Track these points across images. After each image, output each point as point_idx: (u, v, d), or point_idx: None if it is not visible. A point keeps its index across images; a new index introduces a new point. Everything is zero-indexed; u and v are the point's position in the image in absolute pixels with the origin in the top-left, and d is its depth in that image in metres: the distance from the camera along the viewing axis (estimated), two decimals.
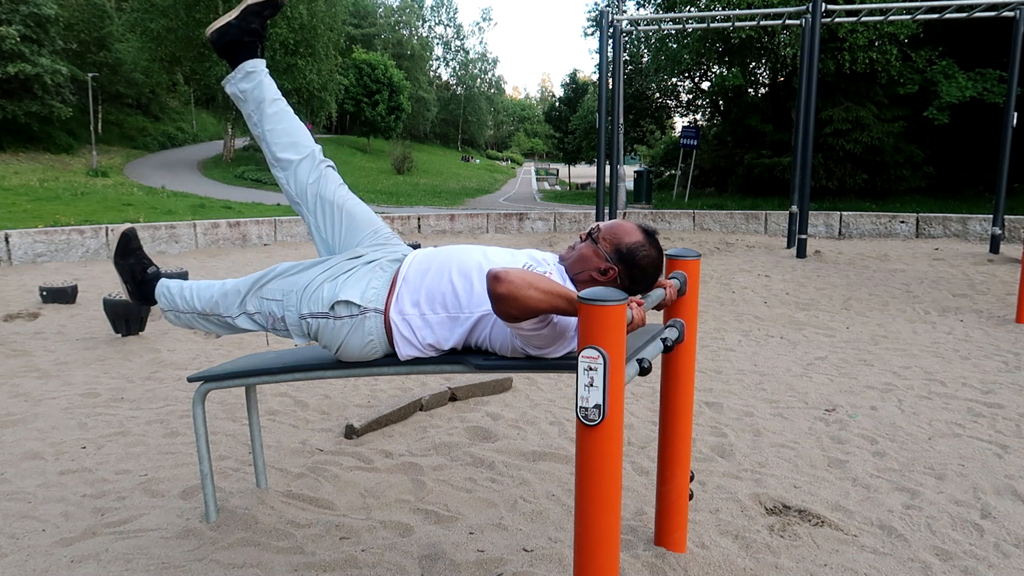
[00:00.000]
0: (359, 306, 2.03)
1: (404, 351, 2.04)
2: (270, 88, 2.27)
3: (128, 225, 2.46)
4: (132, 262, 2.41)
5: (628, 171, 18.58)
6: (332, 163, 2.30)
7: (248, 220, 11.00)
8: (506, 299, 1.71)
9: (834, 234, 12.28)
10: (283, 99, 2.30)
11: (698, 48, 21.10)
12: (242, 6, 2.25)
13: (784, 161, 18.04)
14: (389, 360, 2.09)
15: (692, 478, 2.31)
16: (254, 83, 2.26)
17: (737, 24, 14.94)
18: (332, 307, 2.05)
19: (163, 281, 2.40)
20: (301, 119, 2.36)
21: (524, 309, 1.72)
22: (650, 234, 2.07)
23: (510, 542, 2.35)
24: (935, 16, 10.96)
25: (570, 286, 1.95)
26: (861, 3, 15.22)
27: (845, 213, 12.44)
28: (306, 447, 3.17)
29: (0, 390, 3.96)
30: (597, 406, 1.53)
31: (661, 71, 24.05)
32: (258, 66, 2.27)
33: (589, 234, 2.08)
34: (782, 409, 3.72)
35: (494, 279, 1.72)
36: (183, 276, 6.30)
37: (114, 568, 2.18)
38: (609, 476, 1.57)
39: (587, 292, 1.53)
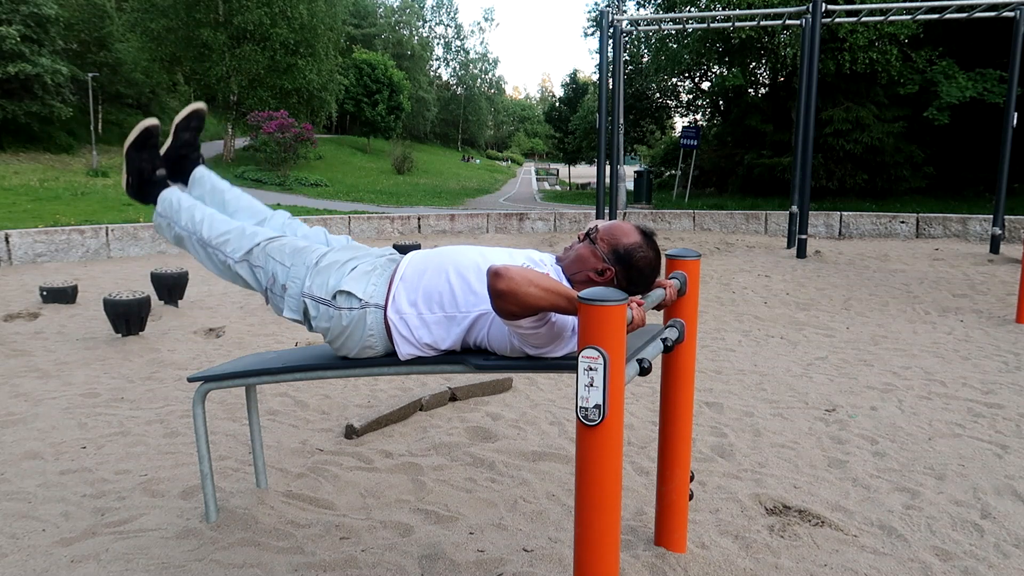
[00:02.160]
0: (360, 300, 2.04)
1: (404, 350, 2.04)
2: (220, 181, 2.45)
3: (154, 121, 2.40)
4: (144, 156, 2.38)
5: (628, 171, 18.55)
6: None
7: None
8: (506, 296, 1.71)
9: (834, 234, 12.28)
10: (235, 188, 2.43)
11: (698, 48, 21.09)
12: (172, 126, 2.43)
13: (784, 161, 18.03)
14: (389, 360, 2.09)
15: (692, 478, 2.31)
16: (208, 184, 2.44)
17: (737, 24, 14.94)
18: (334, 296, 2.06)
19: (172, 190, 2.37)
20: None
21: (524, 306, 1.72)
22: (648, 235, 2.07)
23: (510, 542, 2.35)
24: (935, 16, 10.97)
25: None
26: (861, 3, 15.21)
27: (845, 213, 12.44)
28: (306, 447, 3.17)
29: (0, 390, 3.96)
30: (597, 406, 1.53)
31: (661, 71, 24.03)
32: (202, 171, 2.45)
33: (587, 235, 2.08)
34: (782, 409, 3.72)
35: (495, 275, 1.73)
36: (183, 276, 6.30)
37: (114, 568, 2.18)
38: (609, 476, 1.57)
39: (587, 292, 1.53)
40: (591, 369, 1.51)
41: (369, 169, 40.57)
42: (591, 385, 1.52)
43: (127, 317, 5.11)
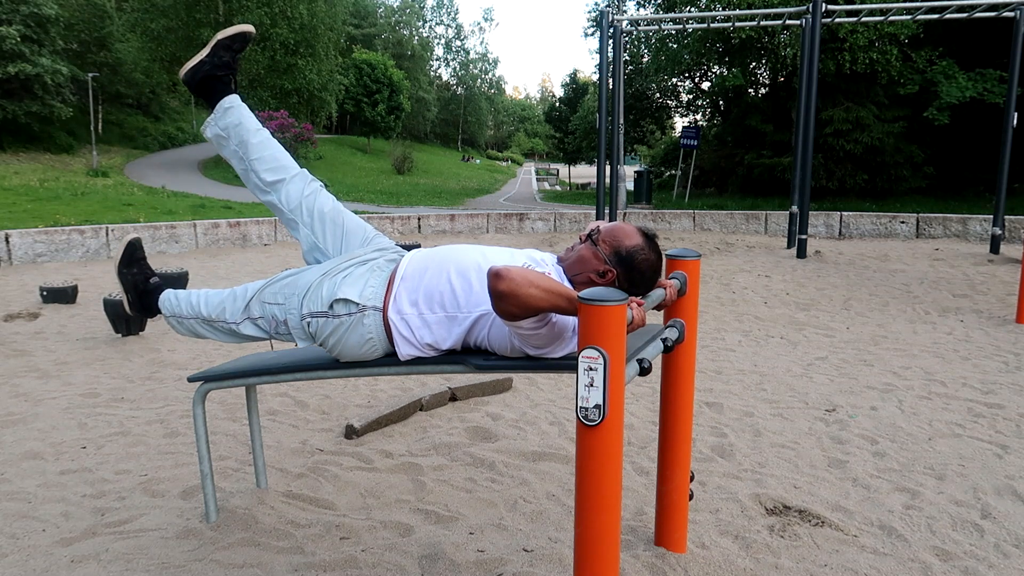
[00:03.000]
0: (357, 304, 2.04)
1: (404, 350, 2.04)
2: (251, 119, 2.31)
3: (134, 235, 2.47)
4: (135, 272, 2.42)
5: (628, 171, 18.55)
6: (320, 182, 2.36)
7: (248, 220, 11.00)
8: (507, 296, 1.71)
9: (834, 234, 12.28)
10: (264, 129, 2.34)
11: (698, 48, 21.08)
12: (212, 41, 2.30)
13: (784, 161, 18.03)
14: (389, 360, 2.09)
15: (692, 478, 2.31)
16: (235, 118, 2.29)
17: (737, 24, 14.93)
18: (331, 306, 2.06)
19: (167, 291, 2.42)
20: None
21: (524, 307, 1.72)
22: (650, 237, 2.07)
23: (510, 542, 2.35)
24: (935, 16, 10.96)
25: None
26: (861, 3, 15.21)
27: (845, 213, 12.44)
28: (306, 447, 3.17)
29: (0, 390, 3.96)
30: (597, 406, 1.53)
31: (661, 71, 24.02)
32: (235, 101, 2.31)
33: (589, 236, 2.08)
34: (782, 409, 3.72)
35: (495, 276, 1.72)
36: (183, 276, 6.30)
37: (114, 568, 2.18)
38: (609, 476, 1.57)
39: (587, 292, 1.53)
40: (591, 369, 1.51)
41: (369, 169, 40.54)
42: (591, 385, 1.52)
43: (127, 317, 5.11)
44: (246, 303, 2.22)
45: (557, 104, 49.42)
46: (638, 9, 25.11)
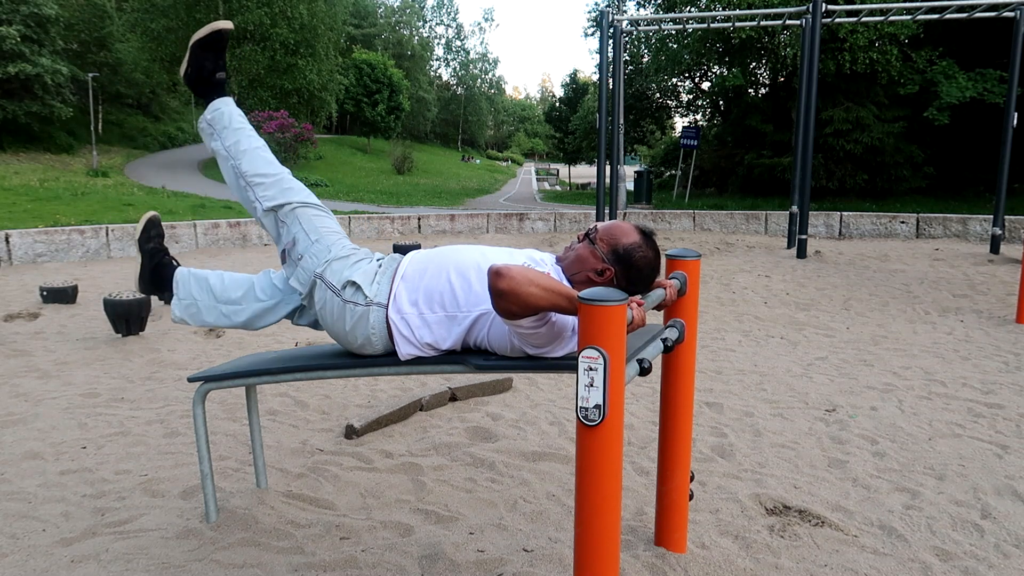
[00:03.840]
0: (366, 296, 2.05)
1: (404, 350, 2.05)
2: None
3: (228, 24, 2.34)
4: (208, 56, 2.33)
5: (628, 171, 18.54)
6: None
7: (249, 220, 11.00)
8: (507, 295, 1.72)
9: (834, 234, 12.28)
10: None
11: (698, 48, 21.09)
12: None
13: (784, 161, 18.04)
14: (389, 360, 2.09)
15: (692, 478, 2.31)
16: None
17: (737, 24, 14.94)
18: (344, 286, 2.08)
19: (227, 100, 2.33)
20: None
21: (524, 306, 1.73)
22: (647, 235, 2.07)
23: (510, 542, 2.35)
24: (935, 16, 10.96)
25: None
26: (861, 3, 15.21)
27: (845, 213, 12.43)
28: (306, 447, 3.17)
29: (0, 390, 3.96)
30: (597, 406, 1.52)
31: (661, 71, 24.04)
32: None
33: (586, 235, 2.08)
34: (782, 409, 3.72)
35: (495, 275, 1.73)
36: None
37: (114, 568, 2.18)
38: (609, 476, 1.57)
39: (588, 292, 1.53)
40: (591, 369, 1.51)
41: (369, 169, 40.56)
42: (591, 385, 1.52)
43: (127, 317, 5.11)
44: (283, 203, 2.21)
45: (557, 104, 49.43)
46: (638, 9, 25.13)
